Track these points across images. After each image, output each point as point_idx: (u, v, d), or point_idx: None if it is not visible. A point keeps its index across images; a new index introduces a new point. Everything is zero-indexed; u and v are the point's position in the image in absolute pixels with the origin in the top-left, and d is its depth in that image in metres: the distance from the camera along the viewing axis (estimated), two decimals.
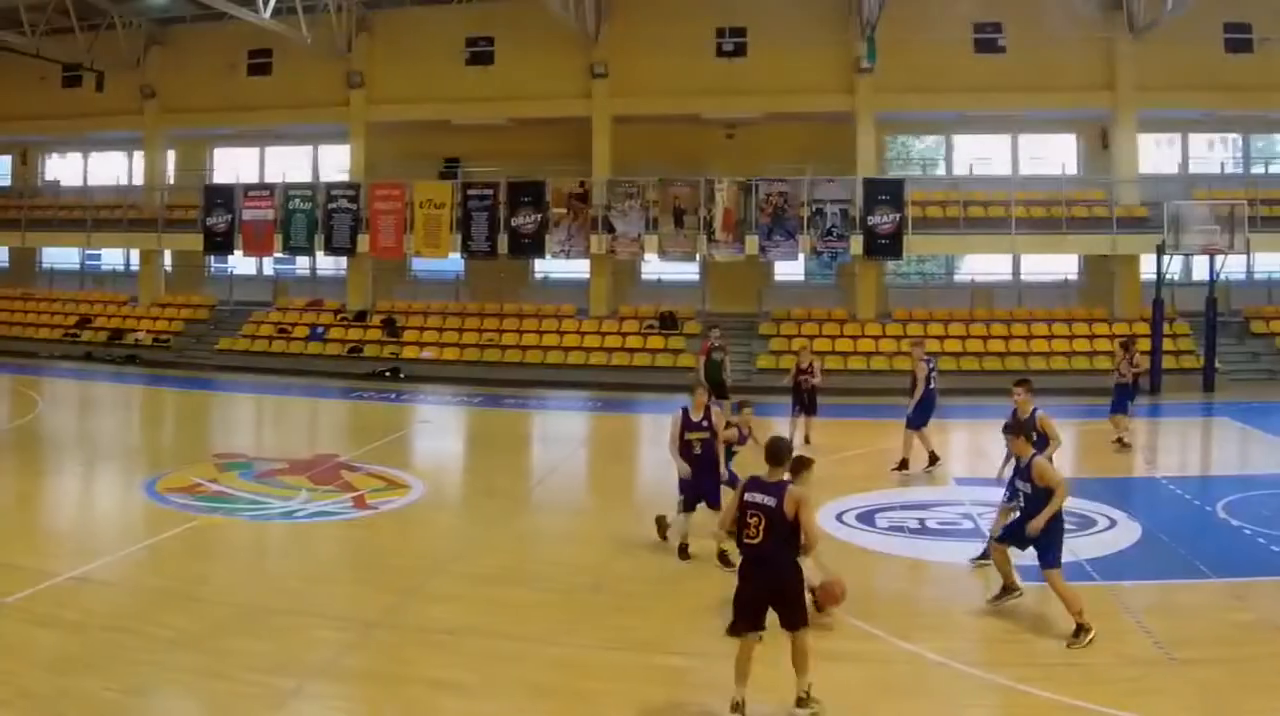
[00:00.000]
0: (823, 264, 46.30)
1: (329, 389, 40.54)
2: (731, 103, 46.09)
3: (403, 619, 14.97)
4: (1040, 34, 43.84)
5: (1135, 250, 43.47)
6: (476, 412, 36.35)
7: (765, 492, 11.92)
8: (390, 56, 48.06)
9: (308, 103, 48.30)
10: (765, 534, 11.80)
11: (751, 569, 12.02)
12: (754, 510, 11.89)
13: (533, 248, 45.59)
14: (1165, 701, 12.28)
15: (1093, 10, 44.42)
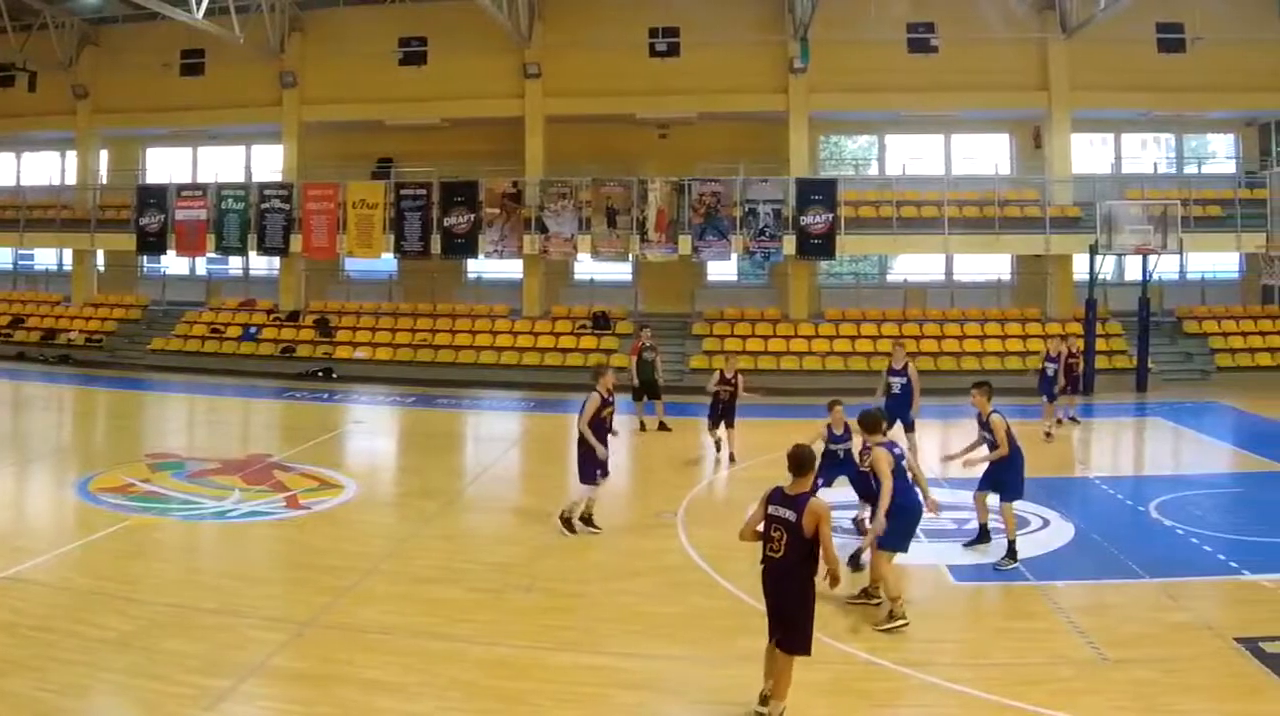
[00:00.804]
0: (755, 264, 45.40)
1: (262, 389, 39.74)
2: (665, 103, 45.10)
3: (336, 618, 14.73)
4: (973, 34, 43.23)
5: (1068, 250, 42.95)
6: (409, 413, 35.66)
7: (787, 506, 11.63)
8: (323, 56, 46.81)
9: (241, 103, 47.01)
10: (787, 549, 11.54)
11: (770, 582, 11.83)
12: (776, 523, 11.67)
13: (465, 248, 44.54)
14: (1098, 701, 12.14)
15: (1026, 10, 43.76)
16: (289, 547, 18.70)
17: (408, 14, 46.71)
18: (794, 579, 11.51)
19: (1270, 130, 45.99)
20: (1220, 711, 11.99)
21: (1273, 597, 15.52)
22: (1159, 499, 21.61)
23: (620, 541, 18.90)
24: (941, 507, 16.59)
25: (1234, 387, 38.93)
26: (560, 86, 45.38)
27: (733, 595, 15.75)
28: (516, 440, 31.59)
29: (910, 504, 15.14)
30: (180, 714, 11.69)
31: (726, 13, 44.67)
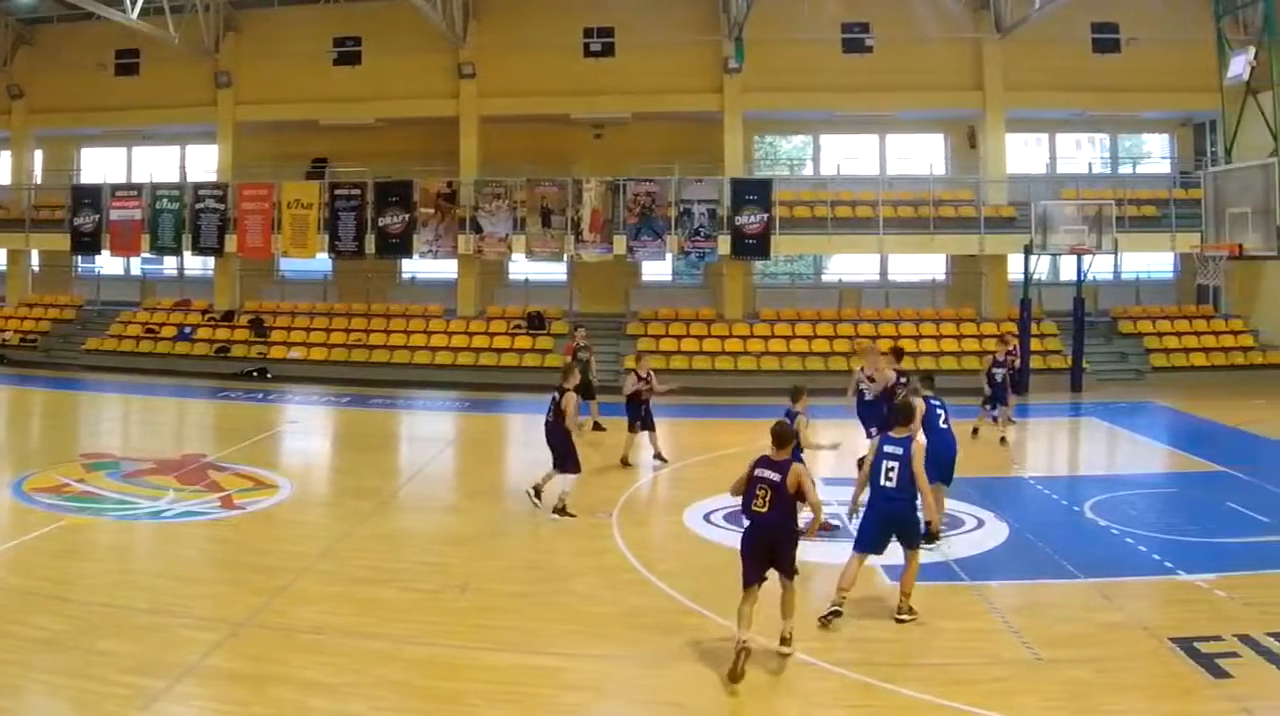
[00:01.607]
0: (690, 264, 44.37)
1: (196, 389, 38.68)
2: (599, 103, 44.01)
3: (270, 619, 14.41)
4: (908, 34, 42.69)
5: (1003, 250, 42.17)
6: (344, 412, 34.75)
7: (773, 469, 13.08)
8: (258, 56, 45.45)
9: (176, 103, 45.62)
10: (770, 505, 12.94)
11: (756, 533, 13.11)
12: (762, 484, 13.05)
13: (400, 248, 43.46)
14: (1033, 701, 11.96)
15: (961, 11, 43.02)
16: (224, 548, 18.25)
17: (342, 14, 45.57)
18: (780, 527, 13.01)
19: (1205, 130, 45.06)
20: (1154, 711, 11.77)
21: (1207, 597, 15.22)
22: (1094, 499, 21.26)
23: (556, 542, 18.66)
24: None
25: (1168, 388, 38.33)
26: (495, 87, 44.30)
27: (668, 595, 15.47)
28: (451, 440, 30.79)
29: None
30: (115, 713, 11.40)
31: (661, 13, 43.73)
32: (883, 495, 14.50)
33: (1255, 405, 33.76)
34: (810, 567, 15.69)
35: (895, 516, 14.49)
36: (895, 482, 14.36)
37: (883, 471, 14.46)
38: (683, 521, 19.80)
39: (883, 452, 14.58)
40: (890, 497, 14.45)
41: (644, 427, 25.50)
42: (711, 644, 13.51)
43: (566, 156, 44.65)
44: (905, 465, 14.34)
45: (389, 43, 44.38)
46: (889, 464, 14.41)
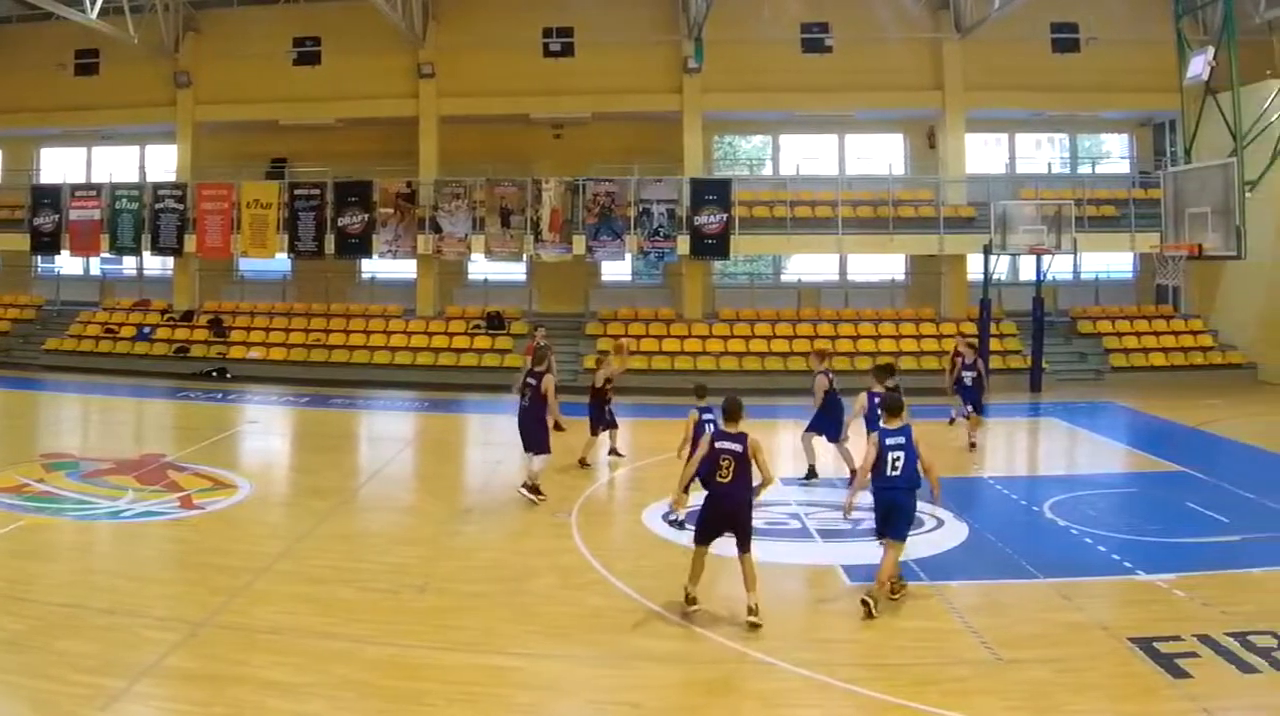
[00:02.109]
0: (650, 264, 42.27)
1: (156, 389, 36.92)
2: (559, 103, 42.18)
3: (229, 618, 13.88)
4: (868, 34, 41.13)
5: (962, 250, 40.63)
6: (304, 412, 33.21)
7: (733, 441, 13.58)
8: (218, 56, 43.28)
9: (135, 103, 43.42)
10: (734, 474, 13.47)
11: (718, 502, 13.64)
12: (726, 455, 13.51)
13: (359, 248, 41.48)
14: (993, 701, 11.54)
15: (920, 10, 41.28)
16: (183, 548, 17.53)
17: (302, 14, 43.54)
18: (740, 495, 13.59)
19: (1164, 130, 43.47)
20: (1114, 711, 11.37)
21: (1166, 598, 14.68)
22: (1053, 499, 20.49)
23: (515, 542, 18.00)
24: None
25: (1128, 388, 36.92)
26: (454, 87, 42.35)
27: (626, 595, 14.96)
28: (410, 440, 29.52)
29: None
30: (74, 713, 10.97)
31: (620, 13, 41.93)
32: (885, 483, 14.34)
33: (1214, 405, 32.47)
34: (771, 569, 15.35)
35: (892, 503, 14.32)
36: (900, 471, 14.21)
37: (889, 462, 14.27)
38: (641, 521, 19.09)
39: (885, 446, 14.31)
40: (891, 486, 14.29)
41: (606, 427, 24.60)
42: (670, 644, 13.25)
43: (526, 156, 42.85)
44: (910, 452, 14.22)
45: (348, 43, 42.48)
46: (894, 454, 14.24)
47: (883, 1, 40.83)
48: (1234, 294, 39.43)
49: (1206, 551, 16.99)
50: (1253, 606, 14.12)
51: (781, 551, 16.95)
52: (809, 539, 17.68)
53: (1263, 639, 12.86)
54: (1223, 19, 30.99)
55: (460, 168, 41.77)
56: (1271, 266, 36.12)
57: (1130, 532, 18.07)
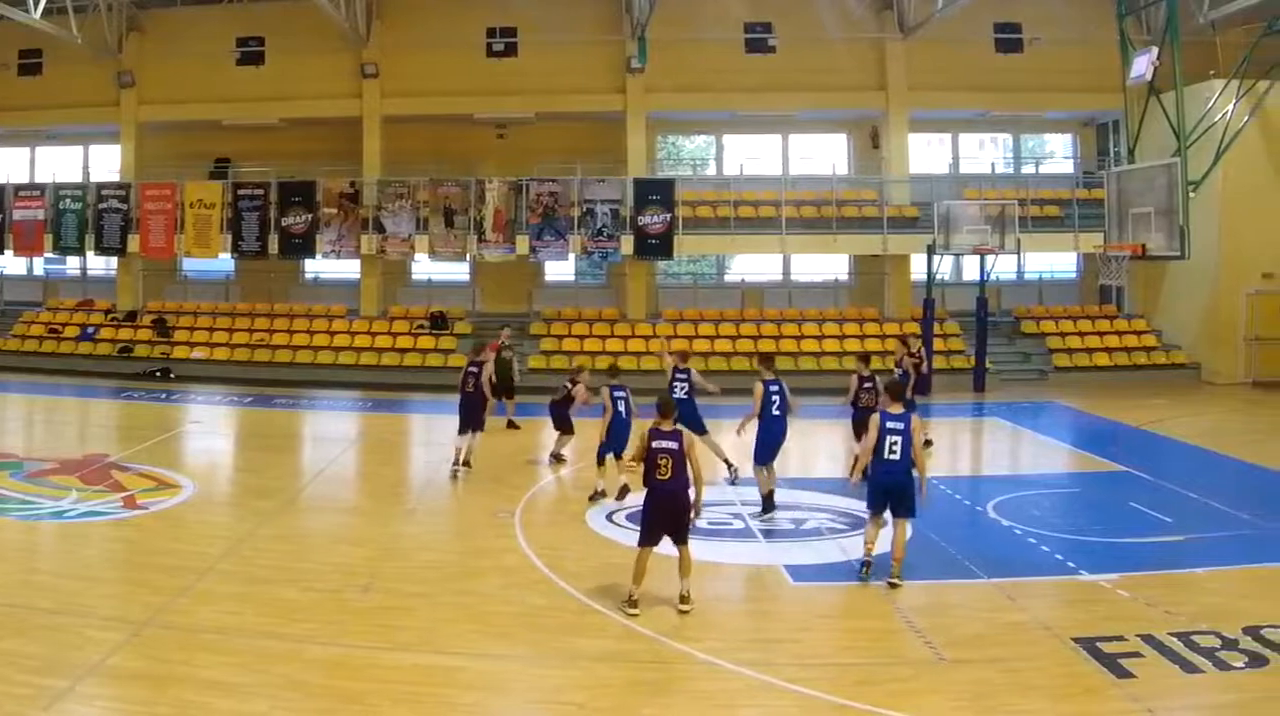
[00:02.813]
0: (593, 264, 39.77)
1: (100, 389, 34.60)
2: (502, 103, 39.19)
3: (173, 618, 13.10)
4: (811, 34, 38.32)
5: (906, 250, 37.98)
6: (247, 412, 31.18)
7: (669, 439, 13.09)
8: (161, 56, 40.05)
9: (78, 103, 40.11)
10: (672, 471, 13.00)
11: (659, 500, 13.11)
12: (663, 453, 13.02)
13: (303, 248, 38.59)
14: (937, 701, 10.95)
15: (864, 11, 38.61)
16: (127, 548, 16.58)
17: (245, 14, 40.27)
18: (679, 491, 13.03)
19: (1108, 130, 40.74)
20: (1058, 711, 10.80)
21: (1109, 598, 14.01)
22: (997, 499, 19.53)
23: (458, 541, 17.40)
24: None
25: (1071, 388, 34.88)
26: (398, 87, 39.32)
27: (570, 595, 14.22)
28: (354, 440, 27.80)
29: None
30: (17, 714, 10.40)
31: (564, 12, 38.89)
32: (885, 467, 14.25)
33: (1157, 405, 30.67)
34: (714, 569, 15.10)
35: (894, 486, 14.23)
36: (899, 455, 14.13)
37: (887, 445, 14.16)
38: (585, 521, 18.08)
39: (886, 428, 14.21)
40: (891, 470, 14.22)
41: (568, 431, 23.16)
42: (613, 643, 12.55)
43: (469, 156, 39.76)
44: (907, 438, 14.07)
45: (292, 43, 39.27)
46: (892, 438, 14.13)
47: (826, 2, 38.09)
48: (1177, 294, 37.36)
49: (1150, 551, 16.22)
50: (1196, 606, 13.45)
51: (724, 551, 16.23)
52: (752, 539, 16.90)
53: (1206, 639, 12.24)
54: (1166, 19, 29.28)
55: (404, 168, 38.97)
56: (1215, 267, 34.65)
57: (1074, 532, 17.22)
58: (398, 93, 39.34)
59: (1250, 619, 12.83)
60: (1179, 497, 19.55)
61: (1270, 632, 12.41)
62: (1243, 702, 10.86)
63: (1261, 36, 29.71)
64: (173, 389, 34.86)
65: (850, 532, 16.92)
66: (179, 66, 39.71)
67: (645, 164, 39.44)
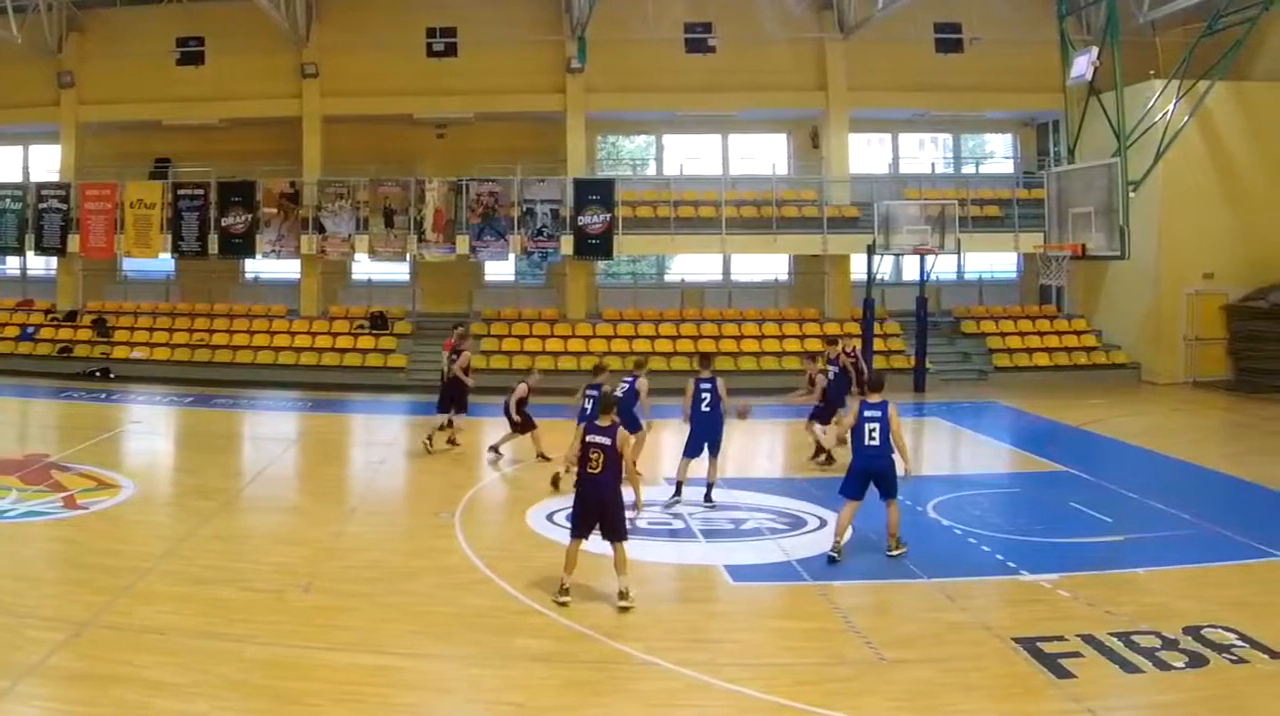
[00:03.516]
0: (533, 264, 36.58)
1: (39, 389, 32.02)
2: (442, 103, 36.06)
3: (113, 619, 12.11)
4: (751, 34, 35.46)
5: (846, 250, 35.34)
6: (188, 412, 29.00)
7: (602, 435, 12.55)
8: (101, 56, 36.74)
9: (18, 103, 36.74)
10: (603, 466, 12.46)
11: (587, 493, 12.64)
12: (595, 448, 12.52)
13: (243, 248, 35.58)
14: (876, 701, 10.28)
15: (804, 10, 35.82)
16: (67, 547, 15.58)
17: (185, 14, 36.87)
18: (609, 486, 12.53)
19: (1048, 130, 37.93)
20: (998, 711, 10.15)
21: (1050, 597, 13.24)
22: (937, 499, 18.16)
23: (398, 542, 16.18)
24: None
25: (1011, 388, 32.54)
26: (338, 86, 36.09)
27: (510, 595, 13.31)
28: (294, 440, 25.86)
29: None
30: None
31: (504, 12, 35.86)
32: (865, 453, 14.14)
33: (1097, 405, 28.91)
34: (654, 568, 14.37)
35: (874, 470, 14.14)
36: (878, 441, 14.08)
37: (866, 432, 14.08)
38: (525, 521, 16.96)
39: (864, 417, 14.17)
40: (872, 455, 14.12)
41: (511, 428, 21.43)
42: (553, 644, 11.68)
43: (409, 156, 36.69)
44: (884, 425, 14.01)
45: (232, 43, 36.03)
46: (870, 426, 14.06)
47: (766, 2, 35.23)
48: (1117, 294, 34.84)
49: (1090, 551, 15.39)
50: (1136, 606, 12.72)
51: (664, 551, 15.38)
52: (692, 538, 15.98)
53: (1146, 638, 11.59)
54: (1106, 19, 27.56)
55: (344, 168, 35.82)
56: (1155, 267, 32.50)
57: (1014, 532, 16.35)
58: (338, 93, 36.21)
59: (1191, 619, 12.11)
60: (1119, 497, 18.42)
61: (1210, 632, 11.69)
62: (1183, 702, 10.18)
63: (1201, 37, 27.74)
64: (113, 389, 32.30)
65: (790, 532, 16.15)
66: (119, 66, 36.44)
67: (585, 164, 36.54)
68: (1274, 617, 12.17)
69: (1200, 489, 19.48)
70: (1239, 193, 31.89)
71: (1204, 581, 13.78)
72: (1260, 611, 12.39)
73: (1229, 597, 12.96)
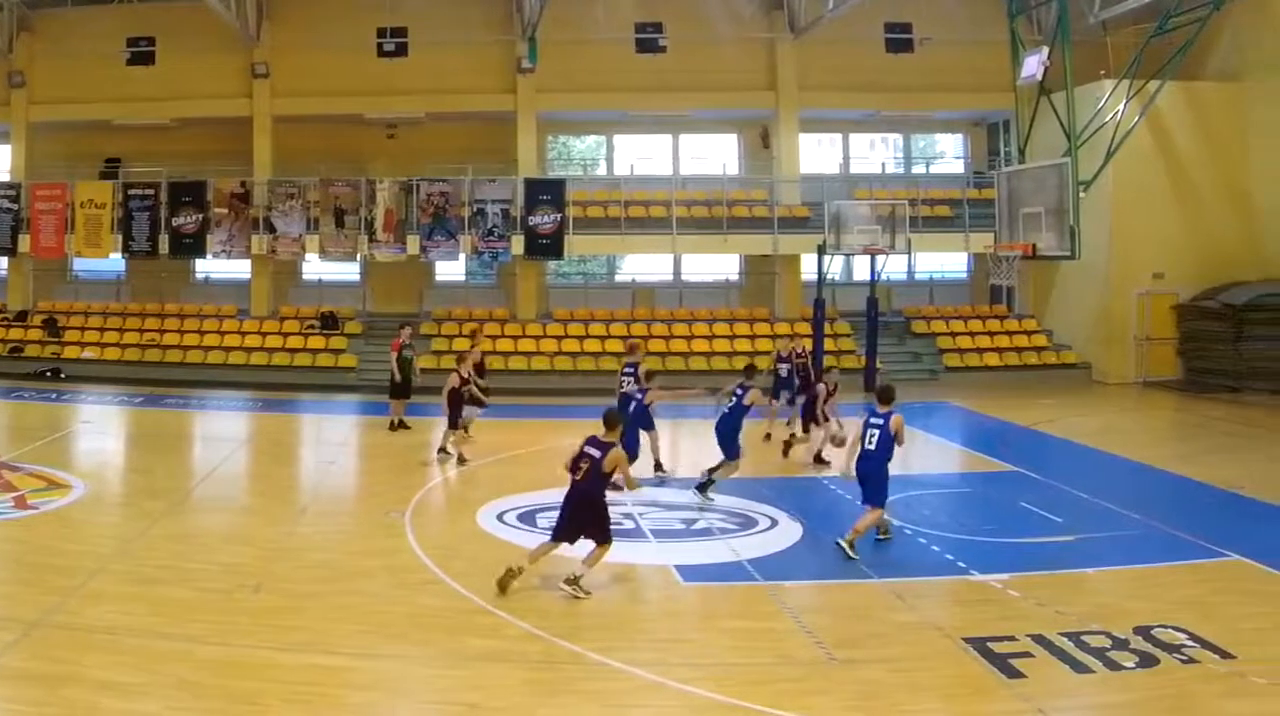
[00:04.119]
0: (484, 264, 34.49)
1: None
2: (393, 103, 33.71)
3: (64, 618, 11.34)
4: (702, 34, 33.38)
5: (796, 250, 33.29)
6: (138, 412, 27.29)
7: (597, 448, 12.29)
8: (52, 56, 34.20)
9: None
10: (587, 476, 12.18)
11: (576, 497, 12.30)
12: (586, 458, 12.25)
13: (194, 248, 33.20)
14: (827, 701, 9.67)
15: (754, 11, 33.75)
16: (16, 547, 14.46)
17: (136, 14, 34.32)
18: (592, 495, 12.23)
19: (998, 130, 35.76)
20: (948, 711, 9.51)
21: (1000, 598, 12.34)
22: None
23: (349, 542, 15.09)
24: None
25: (962, 388, 30.82)
26: (289, 86, 33.66)
27: (461, 595, 12.34)
28: (245, 440, 24.46)
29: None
30: None
31: (455, 13, 33.46)
32: (862, 455, 13.88)
33: (1048, 405, 27.45)
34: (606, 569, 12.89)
35: (866, 472, 13.81)
36: (874, 446, 13.78)
37: (866, 437, 13.87)
38: (475, 521, 15.99)
39: (869, 423, 13.91)
40: (866, 457, 13.86)
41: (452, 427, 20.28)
42: (505, 644, 10.89)
43: (360, 156, 34.42)
44: (884, 434, 13.70)
45: (183, 43, 33.51)
46: (871, 432, 13.84)
47: (717, 2, 33.21)
48: (1068, 294, 33.02)
49: (1040, 551, 14.62)
50: (1086, 606, 11.98)
51: (615, 552, 13.72)
52: (643, 539, 15.02)
53: (1096, 638, 10.79)
54: (1057, 19, 26.15)
55: (295, 168, 33.50)
56: (1105, 267, 30.65)
57: (964, 532, 15.51)
58: (288, 92, 33.78)
59: (1140, 618, 11.43)
60: (1069, 497, 17.50)
61: (1161, 632, 11.05)
62: (1133, 702, 9.68)
63: (1152, 37, 26.04)
64: (63, 389, 30.28)
65: (740, 532, 15.29)
66: (70, 66, 33.90)
67: (536, 164, 34.28)
68: (1224, 617, 11.50)
69: (1150, 489, 18.56)
70: (1189, 193, 30.37)
71: (1154, 581, 13.09)
72: (1210, 611, 11.70)
73: (1179, 597, 12.28)
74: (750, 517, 16.19)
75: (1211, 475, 18.85)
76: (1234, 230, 30.09)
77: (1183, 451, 22.18)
